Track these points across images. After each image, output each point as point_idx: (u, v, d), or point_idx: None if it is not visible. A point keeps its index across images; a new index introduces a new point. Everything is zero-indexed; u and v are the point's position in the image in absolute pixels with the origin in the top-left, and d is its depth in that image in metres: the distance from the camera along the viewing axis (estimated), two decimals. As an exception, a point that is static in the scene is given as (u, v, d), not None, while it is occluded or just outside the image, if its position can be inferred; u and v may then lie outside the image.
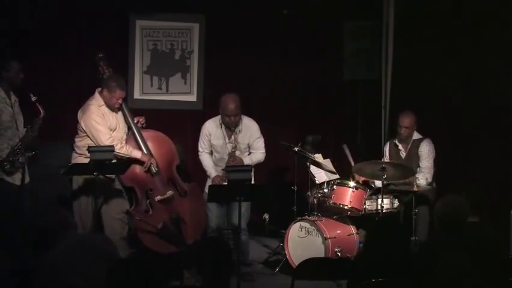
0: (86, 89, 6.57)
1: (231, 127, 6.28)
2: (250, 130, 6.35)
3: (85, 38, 7.44)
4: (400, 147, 6.71)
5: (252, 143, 6.37)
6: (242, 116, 6.31)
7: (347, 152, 6.83)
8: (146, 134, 6.34)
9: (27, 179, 5.90)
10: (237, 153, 6.29)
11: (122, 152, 6.01)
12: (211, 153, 6.42)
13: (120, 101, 6.11)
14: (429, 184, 6.56)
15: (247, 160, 6.30)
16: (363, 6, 8.00)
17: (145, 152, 6.21)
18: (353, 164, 6.73)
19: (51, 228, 3.83)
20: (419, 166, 6.56)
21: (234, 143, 6.29)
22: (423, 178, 6.48)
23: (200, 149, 6.43)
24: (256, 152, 6.38)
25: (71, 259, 3.25)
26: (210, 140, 6.36)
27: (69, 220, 5.95)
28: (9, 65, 5.83)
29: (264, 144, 6.42)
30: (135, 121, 6.27)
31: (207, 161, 6.40)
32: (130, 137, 6.26)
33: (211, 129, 6.36)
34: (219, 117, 6.33)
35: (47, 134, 6.05)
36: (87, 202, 5.90)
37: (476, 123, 7.05)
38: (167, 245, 6.08)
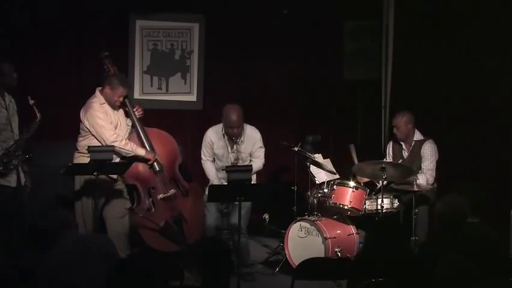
0: (86, 89, 6.56)
1: (233, 138, 6.26)
2: (253, 139, 6.33)
3: (85, 38, 7.44)
4: (403, 146, 6.71)
5: (253, 152, 6.36)
6: (245, 124, 6.28)
7: (353, 152, 6.82)
8: (150, 132, 6.35)
9: (23, 180, 5.81)
10: (240, 163, 6.26)
11: (126, 149, 6.01)
12: (213, 160, 6.41)
13: (121, 99, 6.11)
14: (431, 185, 6.53)
15: None
16: (363, 6, 8.01)
17: (149, 150, 6.22)
18: (356, 163, 6.73)
19: (52, 228, 3.84)
20: (420, 167, 6.54)
21: (236, 153, 6.29)
22: (423, 179, 6.43)
23: (203, 157, 6.41)
24: (255, 161, 6.35)
25: (72, 259, 3.25)
26: (212, 149, 6.35)
27: (70, 220, 5.96)
28: (0, 69, 5.69)
29: (264, 154, 6.41)
30: (134, 109, 6.27)
31: (210, 169, 6.38)
32: (134, 134, 6.27)
33: (214, 139, 6.33)
34: (221, 126, 6.29)
35: (46, 134, 6.04)
36: (88, 202, 5.89)
37: (476, 123, 7.04)
38: (168, 244, 6.08)
